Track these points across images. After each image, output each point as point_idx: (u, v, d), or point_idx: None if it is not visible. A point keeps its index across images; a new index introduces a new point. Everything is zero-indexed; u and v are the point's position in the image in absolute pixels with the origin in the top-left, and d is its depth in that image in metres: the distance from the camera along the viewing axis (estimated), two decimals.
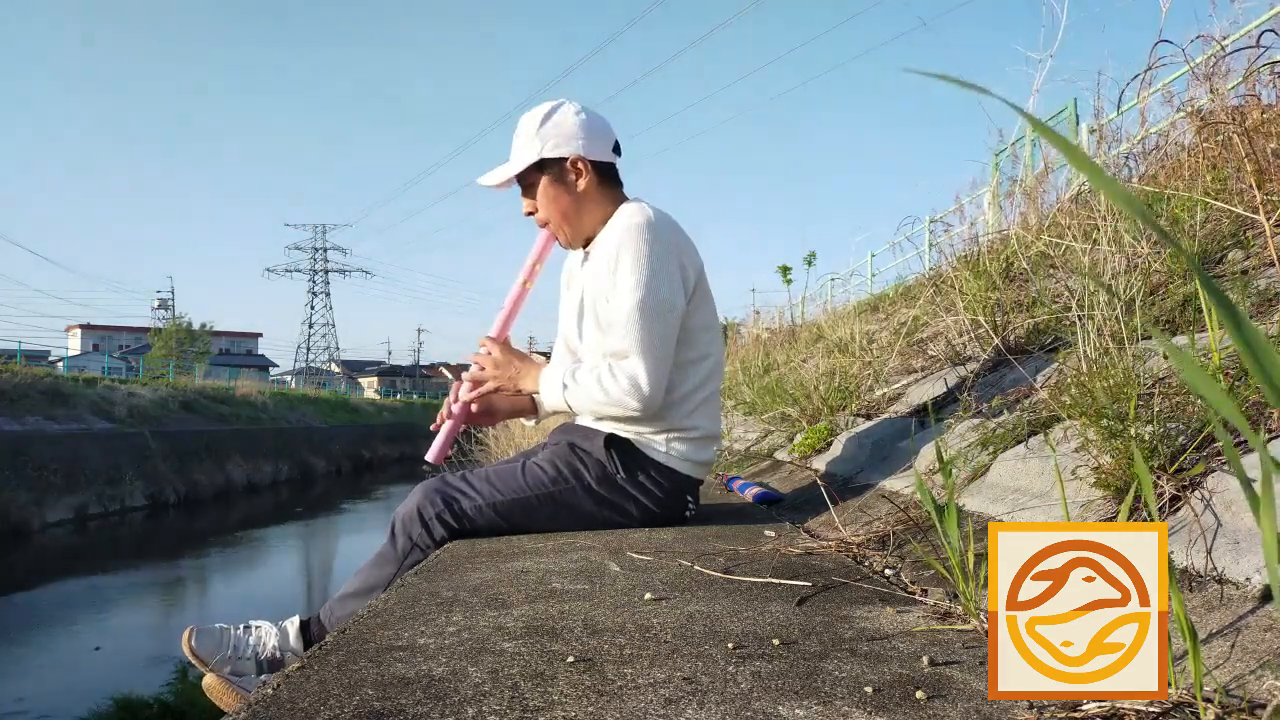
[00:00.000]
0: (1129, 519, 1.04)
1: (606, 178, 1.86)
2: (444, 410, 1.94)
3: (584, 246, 1.92)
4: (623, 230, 1.74)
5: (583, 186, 1.82)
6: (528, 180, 1.84)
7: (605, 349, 1.77)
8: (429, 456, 1.88)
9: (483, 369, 1.87)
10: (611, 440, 1.77)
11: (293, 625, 1.69)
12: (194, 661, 1.63)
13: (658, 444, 1.80)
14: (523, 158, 1.80)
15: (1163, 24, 2.34)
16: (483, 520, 1.74)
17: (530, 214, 1.89)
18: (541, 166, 1.81)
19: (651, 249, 1.71)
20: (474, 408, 1.91)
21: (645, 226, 1.73)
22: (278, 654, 1.65)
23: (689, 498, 1.88)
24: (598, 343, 1.82)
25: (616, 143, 1.88)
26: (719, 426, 1.92)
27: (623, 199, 1.88)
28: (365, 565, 1.72)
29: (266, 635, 1.67)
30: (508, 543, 1.68)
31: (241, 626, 1.69)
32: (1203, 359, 1.20)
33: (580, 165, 1.80)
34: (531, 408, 1.99)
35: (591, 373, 1.75)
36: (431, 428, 1.94)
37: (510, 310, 1.94)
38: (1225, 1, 2.49)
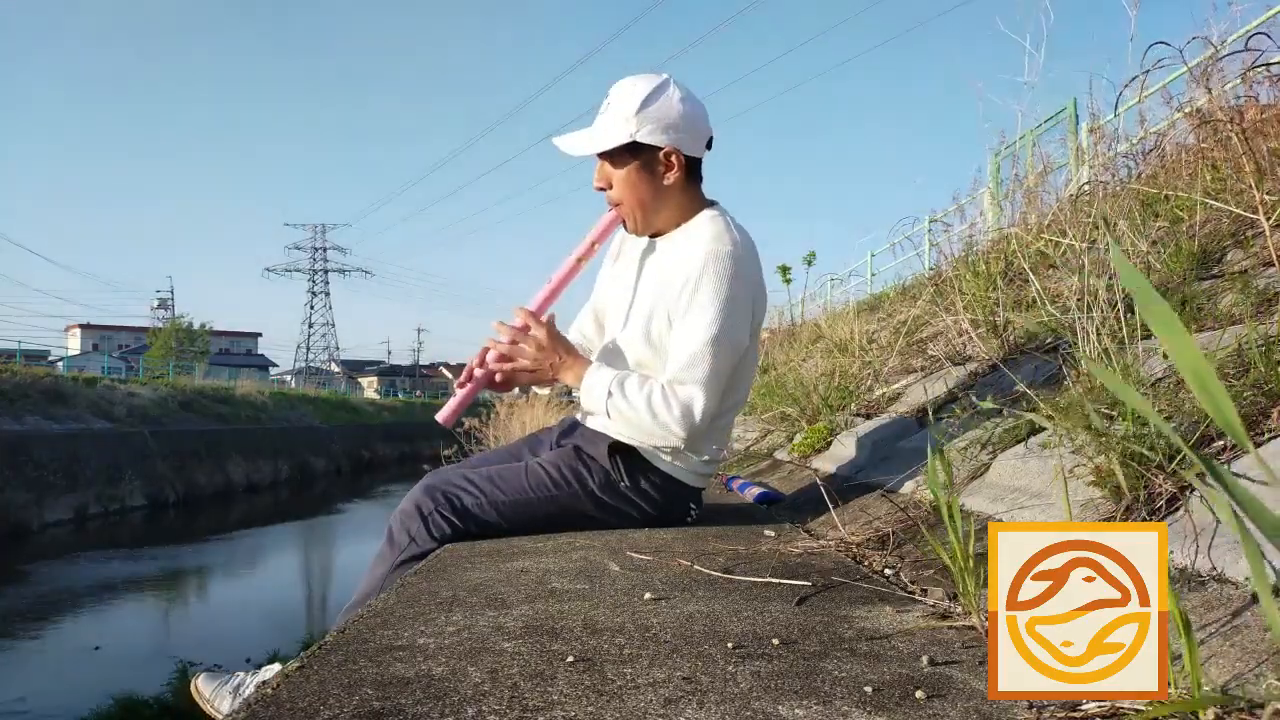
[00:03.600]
0: (1130, 516, 1.05)
1: (693, 174, 1.77)
2: (467, 371, 1.82)
3: (651, 236, 1.84)
4: (706, 255, 1.65)
5: (670, 180, 1.72)
6: (613, 157, 1.73)
7: (643, 361, 1.74)
8: (439, 417, 1.80)
9: (520, 345, 1.75)
10: (616, 447, 1.75)
11: None
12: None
13: (663, 453, 1.77)
14: (614, 135, 1.68)
15: (1133, 30, 2.38)
16: (483, 517, 1.72)
17: (602, 189, 1.78)
18: (632, 149, 1.70)
19: (733, 286, 1.64)
20: (498, 376, 1.80)
21: (731, 258, 1.65)
22: None
23: (691, 504, 1.87)
24: (634, 346, 1.77)
25: (710, 137, 1.77)
26: (728, 444, 1.89)
27: (702, 199, 1.80)
28: (365, 574, 1.69)
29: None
30: (508, 543, 1.68)
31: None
32: None
33: (674, 159, 1.70)
34: (551, 380, 1.88)
35: (642, 390, 1.66)
36: (456, 384, 1.83)
37: (557, 285, 1.82)
38: (1224, 3, 2.50)
